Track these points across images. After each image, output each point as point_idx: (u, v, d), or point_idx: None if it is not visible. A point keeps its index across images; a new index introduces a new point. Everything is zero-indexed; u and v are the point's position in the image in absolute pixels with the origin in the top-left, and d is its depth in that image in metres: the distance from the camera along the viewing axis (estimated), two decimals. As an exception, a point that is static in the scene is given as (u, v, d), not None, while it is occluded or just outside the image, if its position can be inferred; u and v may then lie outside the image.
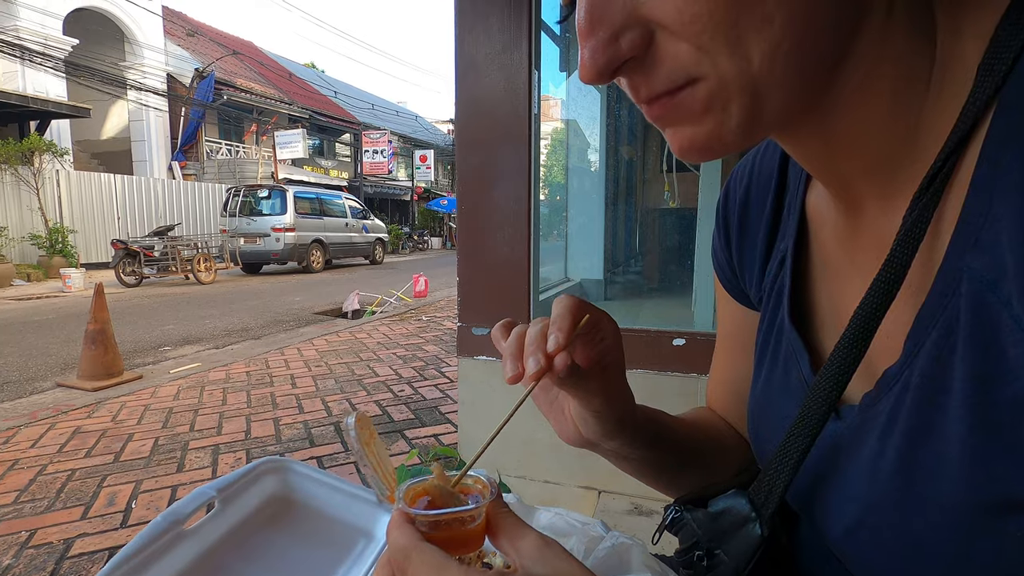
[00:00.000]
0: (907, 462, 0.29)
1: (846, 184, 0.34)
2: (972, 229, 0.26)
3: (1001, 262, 0.24)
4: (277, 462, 0.58)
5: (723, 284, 0.50)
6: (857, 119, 0.29)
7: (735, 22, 0.25)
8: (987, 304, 0.25)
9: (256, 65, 21.67)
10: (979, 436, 0.25)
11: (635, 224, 3.75)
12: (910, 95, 0.29)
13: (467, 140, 1.84)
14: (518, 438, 1.89)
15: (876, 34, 0.27)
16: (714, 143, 0.28)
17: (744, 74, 0.26)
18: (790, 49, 0.26)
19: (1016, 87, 0.25)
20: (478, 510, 0.34)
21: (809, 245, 0.40)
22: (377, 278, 11.33)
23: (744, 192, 0.46)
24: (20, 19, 13.23)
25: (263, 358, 4.46)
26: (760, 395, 0.43)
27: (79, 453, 2.65)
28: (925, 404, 0.28)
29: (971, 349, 0.26)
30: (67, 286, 9.23)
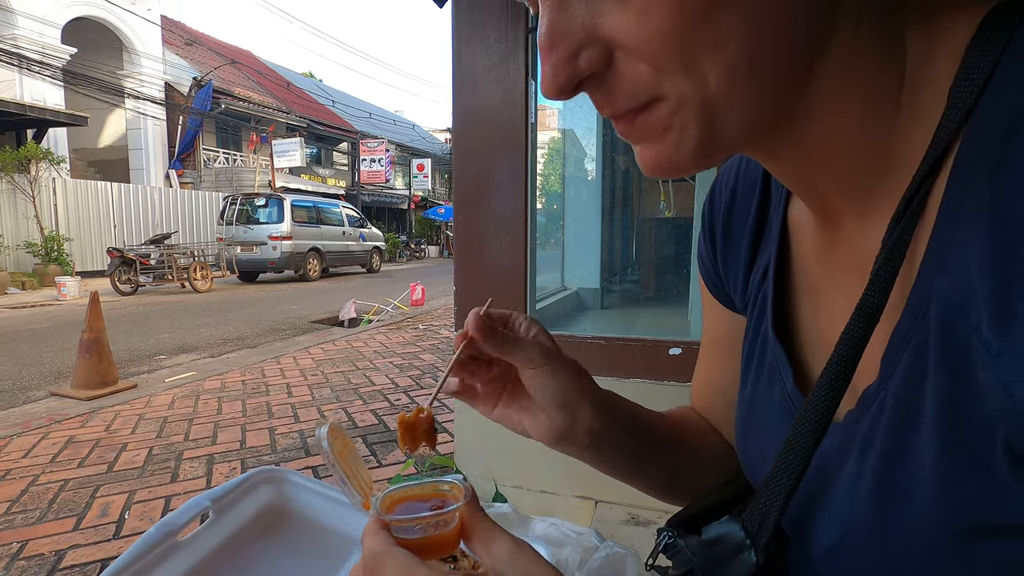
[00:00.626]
0: (883, 484, 0.29)
1: (823, 199, 0.34)
2: (941, 251, 0.26)
3: (969, 285, 0.24)
4: (272, 472, 0.57)
5: (708, 287, 0.50)
6: (829, 137, 0.30)
7: (690, 44, 0.25)
8: (956, 327, 0.25)
9: (254, 74, 21.75)
10: (951, 459, 0.25)
11: (631, 233, 3.77)
12: (880, 115, 0.29)
13: (464, 150, 1.85)
14: (514, 448, 1.88)
15: (843, 55, 0.27)
16: (677, 162, 0.29)
17: (701, 95, 0.26)
18: (747, 72, 0.26)
19: (985, 110, 0.25)
20: (451, 514, 0.35)
21: (791, 257, 0.40)
22: (374, 286, 11.31)
23: (729, 197, 0.46)
24: (19, 28, 13.27)
25: (259, 367, 4.44)
26: (746, 406, 0.43)
27: (72, 463, 2.62)
28: (900, 426, 0.28)
29: (941, 372, 0.26)
30: (62, 294, 9.19)
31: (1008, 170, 0.23)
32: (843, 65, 0.28)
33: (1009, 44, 0.25)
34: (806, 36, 0.26)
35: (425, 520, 0.34)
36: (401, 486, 0.38)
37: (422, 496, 0.37)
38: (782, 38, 0.26)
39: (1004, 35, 0.25)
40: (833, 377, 0.30)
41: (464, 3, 1.77)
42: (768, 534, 0.32)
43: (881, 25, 0.28)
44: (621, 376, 1.69)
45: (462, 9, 1.77)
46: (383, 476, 2.47)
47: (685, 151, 0.28)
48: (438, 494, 0.37)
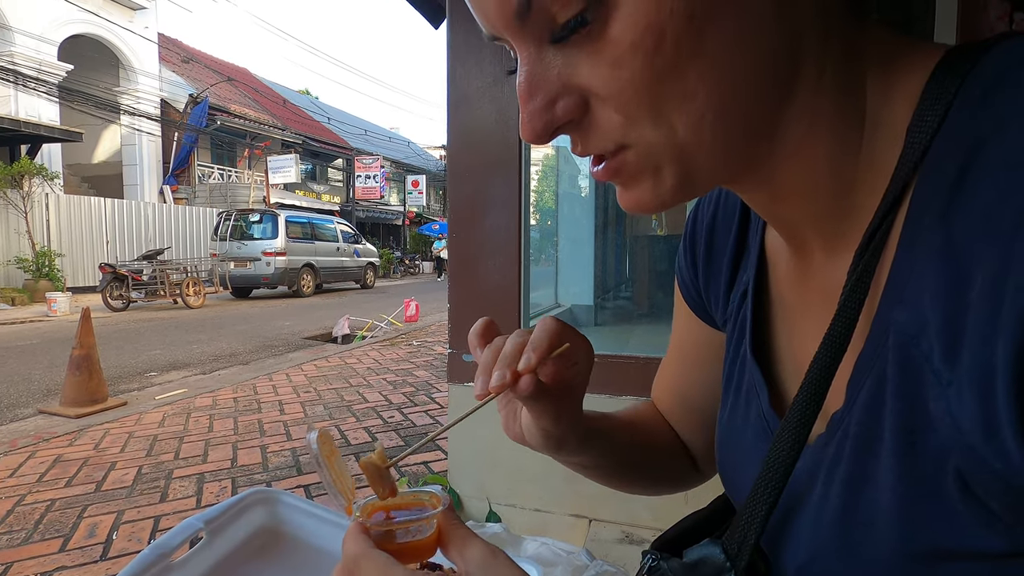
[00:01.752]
0: (847, 508, 0.30)
1: (794, 231, 0.35)
2: (899, 285, 0.27)
3: (923, 318, 0.25)
4: (265, 493, 0.58)
5: (686, 300, 0.51)
6: (796, 177, 0.31)
7: (659, 95, 0.27)
8: (911, 357, 0.26)
9: (250, 91, 21.88)
10: (907, 486, 0.26)
11: (624, 251, 3.80)
12: (843, 156, 0.30)
13: (459, 169, 1.87)
14: (508, 466, 1.87)
15: (807, 102, 0.29)
16: (654, 203, 0.31)
17: (670, 143, 0.28)
18: (715, 120, 0.27)
19: (937, 152, 0.26)
20: (428, 520, 0.36)
21: (769, 281, 0.41)
22: (368, 302, 11.28)
23: (711, 216, 0.47)
24: (15, 45, 13.33)
25: (251, 384, 4.40)
26: (725, 424, 0.44)
27: (59, 482, 2.58)
28: (862, 452, 0.29)
29: (898, 400, 0.27)
30: (52, 310, 9.10)
31: (957, 212, 0.24)
32: (808, 111, 0.29)
33: (960, 88, 0.26)
34: (771, 87, 0.28)
35: (404, 525, 0.36)
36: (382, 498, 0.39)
37: (402, 504, 0.38)
38: (748, 90, 0.27)
39: (957, 79, 0.26)
40: (804, 403, 0.31)
41: (459, 26, 1.81)
42: (747, 556, 0.33)
43: (843, 72, 0.29)
44: (614, 393, 1.70)
45: (457, 32, 1.80)
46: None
47: (662, 192, 0.30)
48: (418, 502, 0.39)
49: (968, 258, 0.24)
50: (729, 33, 0.26)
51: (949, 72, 0.27)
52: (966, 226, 0.24)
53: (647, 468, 0.53)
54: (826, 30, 0.29)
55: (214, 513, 0.51)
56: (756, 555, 0.33)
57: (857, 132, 0.30)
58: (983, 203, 0.23)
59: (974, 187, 0.24)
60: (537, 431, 0.42)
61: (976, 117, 0.25)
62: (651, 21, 0.25)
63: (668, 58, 0.26)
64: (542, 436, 0.42)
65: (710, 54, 0.26)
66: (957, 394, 0.24)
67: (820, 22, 0.28)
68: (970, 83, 0.26)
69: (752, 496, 0.32)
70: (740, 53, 0.27)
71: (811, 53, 0.28)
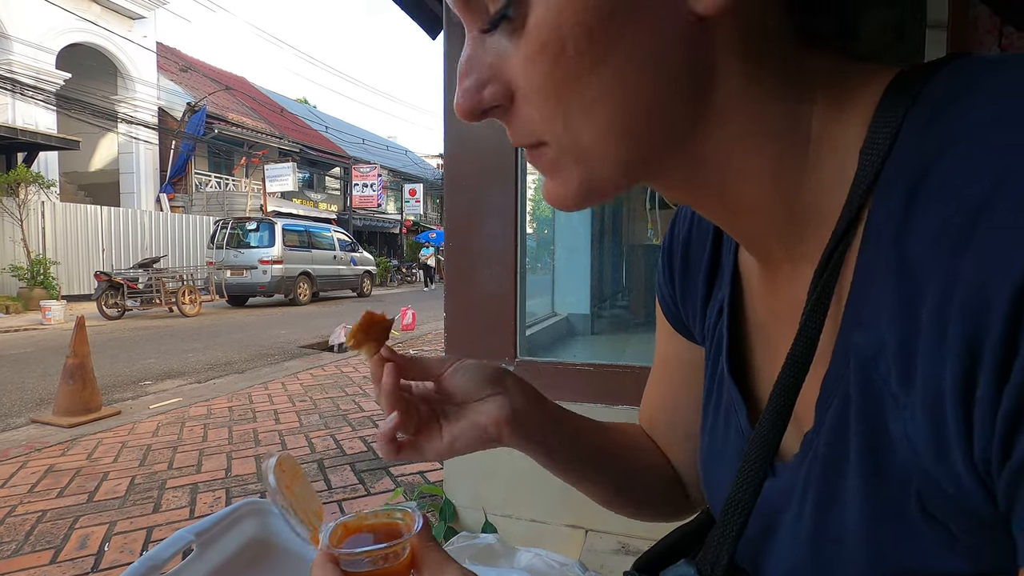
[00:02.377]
0: (819, 528, 0.30)
1: (758, 245, 0.36)
2: (857, 307, 0.28)
3: (881, 340, 0.26)
4: (257, 504, 0.57)
5: (666, 316, 0.51)
6: (742, 193, 0.32)
7: (566, 99, 0.28)
8: (871, 380, 0.26)
9: (248, 100, 21.95)
10: (873, 507, 0.27)
11: (620, 260, 3.80)
12: (789, 174, 0.30)
13: (455, 179, 1.88)
14: (504, 477, 1.87)
15: (738, 121, 0.29)
16: (564, 200, 0.32)
17: (577, 147, 0.29)
18: (619, 133, 0.28)
19: (889, 175, 0.26)
20: (400, 546, 0.34)
21: (743, 297, 0.41)
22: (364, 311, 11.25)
23: (687, 232, 0.47)
24: (13, 53, 13.36)
25: (246, 393, 4.38)
26: (708, 440, 0.44)
27: (51, 493, 2.56)
28: (831, 473, 0.29)
29: (861, 423, 0.27)
30: (47, 318, 9.05)
31: (909, 234, 0.24)
32: (739, 131, 0.30)
33: (910, 110, 0.26)
34: (682, 106, 0.28)
35: (374, 553, 0.34)
36: (352, 517, 0.37)
37: (374, 526, 0.37)
38: (653, 107, 0.28)
39: (906, 103, 0.27)
40: (770, 423, 0.31)
41: (455, 37, 1.82)
42: None
43: (783, 95, 0.30)
44: (610, 403, 1.69)
45: (454, 43, 1.81)
46: (372, 505, 2.43)
47: (569, 192, 0.31)
48: (391, 523, 0.37)
49: (919, 280, 0.24)
50: (633, 51, 0.27)
51: (899, 95, 0.27)
52: (917, 248, 0.24)
53: (621, 480, 0.51)
54: (761, 54, 0.29)
55: (205, 525, 0.51)
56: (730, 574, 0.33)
57: (802, 152, 0.30)
58: (930, 226, 0.23)
59: (923, 210, 0.24)
60: (487, 387, 0.43)
61: (922, 141, 0.25)
62: (557, 27, 0.26)
63: (571, 66, 0.27)
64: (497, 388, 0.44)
65: (612, 68, 0.27)
66: (912, 417, 0.24)
67: (754, 45, 0.29)
68: (917, 107, 0.26)
69: (723, 516, 0.32)
70: (645, 71, 0.27)
71: (737, 76, 0.29)
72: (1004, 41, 1.49)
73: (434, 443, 0.43)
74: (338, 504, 2.44)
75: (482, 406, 0.43)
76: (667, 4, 0.26)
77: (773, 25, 0.29)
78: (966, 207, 0.22)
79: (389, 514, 0.37)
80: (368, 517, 0.37)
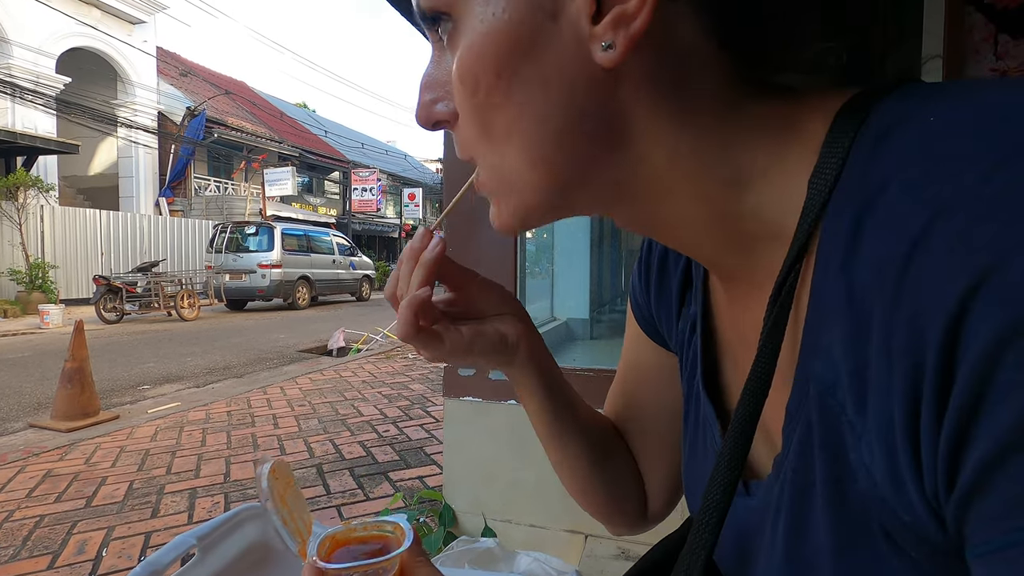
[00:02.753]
0: (791, 551, 0.30)
1: (714, 266, 0.36)
2: (813, 334, 0.28)
3: (836, 368, 0.26)
4: (257, 509, 0.57)
5: (638, 320, 0.51)
6: (680, 218, 0.32)
7: (488, 127, 0.30)
8: (829, 408, 0.27)
9: (248, 104, 21.99)
10: (840, 532, 0.27)
11: (620, 265, 3.81)
12: (728, 201, 0.31)
13: (455, 184, 1.89)
14: (503, 481, 1.87)
15: (657, 154, 0.30)
16: (502, 224, 0.34)
17: (501, 173, 0.31)
18: (535, 160, 0.30)
19: (837, 204, 0.26)
20: (390, 561, 0.34)
21: (713, 314, 0.42)
22: (363, 315, 11.25)
23: (662, 249, 0.47)
24: (13, 57, 13.38)
25: (245, 397, 4.37)
26: (687, 455, 0.44)
27: (49, 498, 2.55)
28: (799, 498, 0.29)
29: (823, 451, 0.27)
30: (45, 323, 9.04)
31: (855, 262, 0.25)
32: (668, 167, 0.30)
33: (855, 141, 0.26)
34: (596, 146, 0.30)
35: (363, 568, 0.33)
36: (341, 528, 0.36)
37: (364, 539, 0.36)
38: (568, 142, 0.30)
39: (852, 130, 0.27)
40: (733, 446, 0.30)
41: (456, 43, 1.84)
42: None
43: (717, 132, 0.30)
44: (610, 407, 1.70)
45: (454, 49, 1.83)
46: (371, 510, 2.43)
47: (505, 216, 0.33)
48: (380, 536, 0.36)
49: (866, 309, 0.24)
50: (537, 92, 0.29)
51: (846, 122, 0.27)
52: (863, 277, 0.24)
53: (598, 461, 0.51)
54: (683, 99, 0.29)
55: (206, 529, 0.51)
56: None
57: (746, 180, 0.30)
58: (873, 257, 0.24)
59: (868, 239, 0.24)
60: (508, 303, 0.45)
61: (866, 171, 0.25)
62: (471, 61, 0.29)
63: (484, 96, 0.29)
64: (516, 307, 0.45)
65: (519, 104, 0.29)
66: (868, 447, 0.25)
67: (673, 93, 0.29)
68: (864, 133, 0.26)
69: (692, 536, 0.31)
70: (550, 111, 0.29)
71: (656, 119, 0.29)
72: (1000, 49, 1.50)
73: (453, 335, 0.40)
74: (336, 509, 2.44)
75: (504, 318, 0.44)
76: (572, 54, 0.28)
77: (700, 75, 0.29)
78: (905, 240, 0.22)
79: (379, 526, 0.37)
80: (357, 529, 0.37)
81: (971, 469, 0.21)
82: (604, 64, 0.28)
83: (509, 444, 1.84)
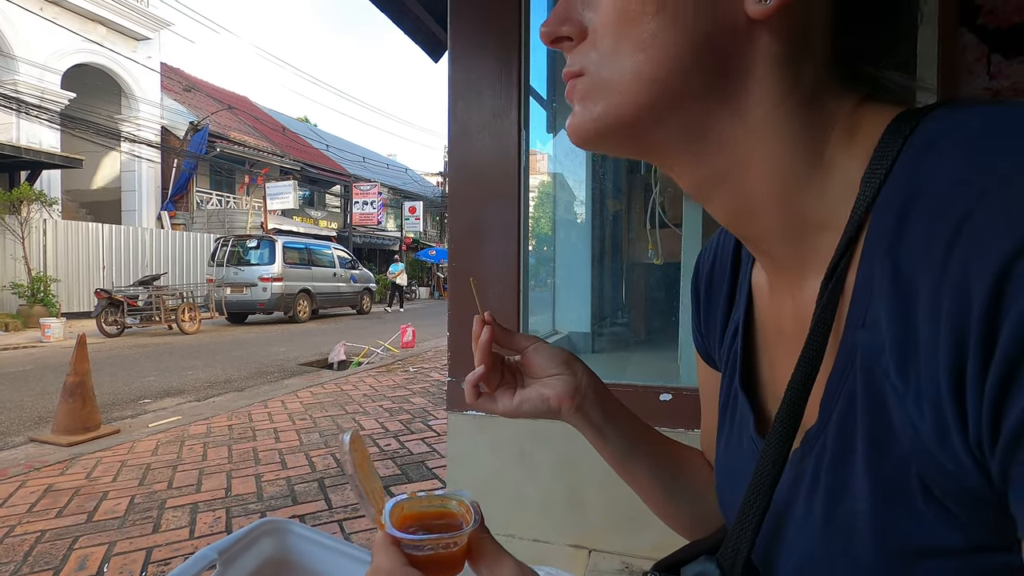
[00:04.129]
0: (829, 519, 0.32)
1: (763, 246, 0.39)
2: (860, 310, 0.31)
3: (881, 338, 0.29)
4: (275, 523, 0.59)
5: (698, 350, 0.56)
6: (749, 188, 0.36)
7: (622, 36, 0.34)
8: (875, 375, 0.30)
9: (250, 119, 22.18)
10: (880, 493, 0.30)
11: (621, 279, 3.83)
12: (796, 183, 0.35)
13: (459, 201, 1.91)
14: (507, 495, 1.86)
15: (756, 124, 0.34)
16: (581, 128, 0.37)
17: (609, 79, 0.35)
18: (648, 78, 0.34)
19: (886, 196, 0.31)
20: (461, 536, 0.37)
21: (755, 316, 0.45)
22: (364, 328, 11.26)
23: (709, 269, 0.51)
24: (19, 73, 13.53)
25: (246, 411, 4.37)
26: (722, 456, 0.47)
27: (50, 513, 2.55)
28: (839, 464, 0.32)
29: (867, 416, 0.30)
30: (46, 336, 9.03)
31: (901, 246, 0.29)
32: (760, 137, 0.34)
33: (903, 148, 0.31)
34: (710, 87, 0.34)
35: (436, 542, 0.36)
36: (410, 499, 0.40)
37: (432, 514, 0.39)
38: (686, 75, 0.33)
39: (900, 140, 0.31)
40: (783, 421, 0.34)
41: (459, 63, 1.87)
42: (740, 570, 0.35)
43: (801, 115, 0.34)
44: (613, 421, 1.70)
45: (458, 69, 1.86)
46: (373, 525, 2.42)
47: (588, 121, 0.36)
48: (447, 512, 0.39)
49: (912, 285, 0.28)
50: (685, 17, 0.32)
51: (895, 133, 0.32)
52: (907, 258, 0.28)
53: (673, 489, 0.55)
54: (795, 75, 0.33)
55: (227, 543, 0.52)
56: (748, 568, 0.35)
57: (813, 169, 0.34)
58: (919, 238, 0.28)
59: (913, 228, 0.28)
60: (559, 366, 0.53)
61: (914, 172, 0.29)
62: None
63: (635, 5, 0.33)
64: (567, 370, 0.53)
65: (662, 23, 0.33)
66: (914, 405, 0.28)
67: (790, 67, 0.33)
68: (911, 144, 0.31)
69: (742, 511, 0.35)
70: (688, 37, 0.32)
71: (767, 85, 0.33)
72: (992, 68, 1.54)
73: (505, 400, 0.53)
74: (339, 524, 2.43)
75: (551, 381, 0.53)
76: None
77: (811, 56, 0.34)
78: (952, 220, 0.26)
79: (444, 500, 0.40)
80: (423, 500, 0.40)
81: (1015, 417, 0.23)
82: (752, 14, 0.31)
83: (512, 458, 1.84)
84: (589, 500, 1.71)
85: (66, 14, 14.78)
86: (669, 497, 0.55)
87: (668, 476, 0.54)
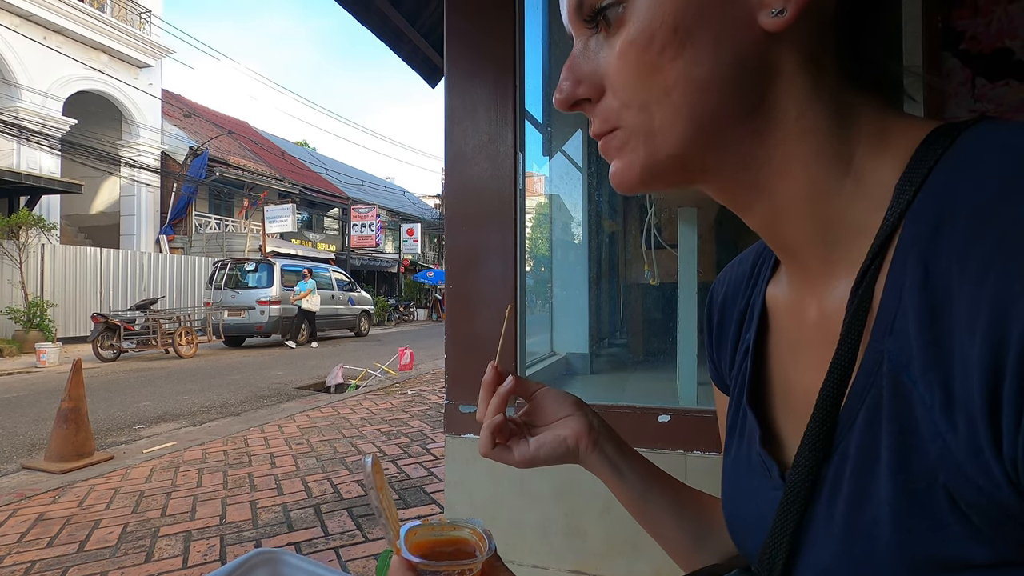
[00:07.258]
0: (849, 527, 0.32)
1: (795, 255, 0.40)
2: (888, 317, 0.31)
3: (910, 347, 0.29)
4: (269, 553, 0.58)
5: (712, 378, 0.55)
6: (783, 194, 0.37)
7: (645, 89, 0.35)
8: (902, 383, 0.30)
9: (249, 143, 22.39)
10: (903, 502, 0.29)
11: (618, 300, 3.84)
12: (828, 186, 0.35)
13: (456, 224, 1.92)
14: (506, 521, 1.84)
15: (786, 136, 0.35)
16: (629, 179, 0.38)
17: (647, 128, 0.36)
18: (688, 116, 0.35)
19: (920, 206, 0.31)
20: (476, 564, 0.37)
21: (769, 332, 0.45)
22: (362, 351, 11.21)
23: (723, 297, 0.52)
24: (22, 101, 13.69)
25: (242, 436, 4.32)
26: (729, 472, 0.46)
27: (41, 542, 2.50)
28: (861, 472, 0.32)
29: (892, 423, 0.30)
30: (41, 361, 8.97)
31: (934, 255, 0.29)
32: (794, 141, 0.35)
33: (940, 159, 0.31)
34: (741, 109, 0.35)
35: (452, 568, 0.37)
36: (422, 526, 0.40)
37: (444, 541, 0.39)
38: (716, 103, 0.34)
39: (938, 151, 0.32)
40: (817, 427, 0.34)
41: (456, 88, 1.90)
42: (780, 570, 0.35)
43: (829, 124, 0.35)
44: (612, 444, 1.69)
45: (454, 94, 1.89)
46: (370, 552, 2.38)
47: (634, 168, 0.37)
48: (460, 540, 0.39)
49: (944, 294, 0.28)
50: (707, 48, 0.33)
51: (933, 144, 0.32)
52: (942, 269, 0.28)
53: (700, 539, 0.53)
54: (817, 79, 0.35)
55: (222, 573, 0.52)
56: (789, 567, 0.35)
57: (843, 173, 0.35)
58: (955, 252, 0.28)
59: (949, 238, 0.28)
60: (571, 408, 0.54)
61: (951, 184, 0.30)
62: (648, 23, 0.34)
63: (654, 57, 0.34)
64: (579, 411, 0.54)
65: (687, 61, 0.34)
66: (943, 416, 0.27)
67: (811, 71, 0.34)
68: (951, 153, 0.31)
69: (780, 512, 0.35)
70: (715, 66, 0.34)
71: (795, 90, 0.35)
72: (977, 91, 1.57)
73: (521, 448, 0.53)
74: (335, 551, 2.39)
75: (564, 422, 0.53)
76: (742, 16, 0.33)
77: (828, 61, 0.35)
78: (992, 236, 0.26)
79: (456, 527, 0.40)
80: (436, 527, 0.40)
81: None
82: (769, 28, 0.33)
83: (512, 483, 1.82)
84: (589, 526, 1.69)
85: (69, 43, 15.03)
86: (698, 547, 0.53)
87: (690, 515, 0.54)
